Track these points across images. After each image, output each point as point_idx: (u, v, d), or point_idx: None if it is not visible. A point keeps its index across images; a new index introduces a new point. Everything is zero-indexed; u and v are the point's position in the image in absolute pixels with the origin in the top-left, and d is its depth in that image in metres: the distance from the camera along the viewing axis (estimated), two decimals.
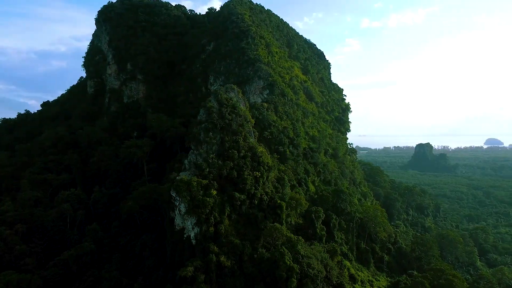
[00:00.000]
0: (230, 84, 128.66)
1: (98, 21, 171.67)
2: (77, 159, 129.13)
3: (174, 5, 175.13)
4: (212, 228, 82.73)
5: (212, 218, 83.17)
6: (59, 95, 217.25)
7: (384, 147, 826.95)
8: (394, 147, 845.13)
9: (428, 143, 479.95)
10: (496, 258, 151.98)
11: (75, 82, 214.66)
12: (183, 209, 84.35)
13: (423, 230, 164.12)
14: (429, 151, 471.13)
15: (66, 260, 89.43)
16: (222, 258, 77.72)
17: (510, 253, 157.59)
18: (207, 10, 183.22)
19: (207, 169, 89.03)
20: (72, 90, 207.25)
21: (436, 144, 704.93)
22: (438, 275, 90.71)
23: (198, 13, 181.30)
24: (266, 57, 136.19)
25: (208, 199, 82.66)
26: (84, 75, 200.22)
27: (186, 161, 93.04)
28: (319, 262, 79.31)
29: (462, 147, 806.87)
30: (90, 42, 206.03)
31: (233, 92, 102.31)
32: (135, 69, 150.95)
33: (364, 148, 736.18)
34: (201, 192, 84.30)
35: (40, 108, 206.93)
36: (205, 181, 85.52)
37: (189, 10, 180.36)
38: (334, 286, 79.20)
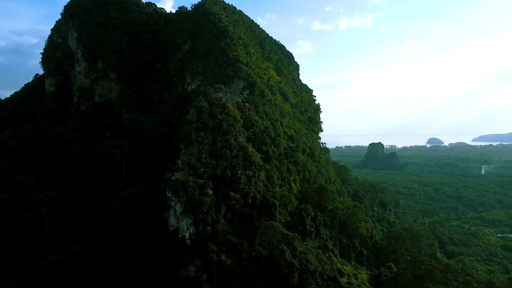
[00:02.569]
0: (209, 84, 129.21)
1: (64, 16, 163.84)
2: (50, 160, 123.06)
3: (144, 2, 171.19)
4: (209, 228, 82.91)
5: (210, 217, 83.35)
6: (12, 93, 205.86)
7: (337, 146, 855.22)
8: (345, 146, 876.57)
9: (380, 143, 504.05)
10: (454, 249, 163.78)
11: (21, 79, 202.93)
12: (178, 209, 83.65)
13: (389, 225, 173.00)
14: (380, 150, 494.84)
15: (51, 265, 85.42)
16: (223, 257, 78.26)
17: (465, 244, 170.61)
18: (177, 9, 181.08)
19: (202, 169, 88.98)
20: (29, 88, 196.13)
21: (384, 143, 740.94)
22: (418, 266, 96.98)
23: (169, 12, 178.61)
24: (245, 57, 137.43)
25: (205, 198, 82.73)
26: (33, 72, 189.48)
27: (179, 161, 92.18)
28: (315, 258, 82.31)
29: (408, 146, 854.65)
30: (48, 38, 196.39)
31: (222, 92, 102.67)
32: (107, 67, 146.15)
33: None
34: (197, 192, 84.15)
35: None
36: (201, 181, 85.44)
37: (159, 8, 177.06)
38: (329, 280, 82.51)
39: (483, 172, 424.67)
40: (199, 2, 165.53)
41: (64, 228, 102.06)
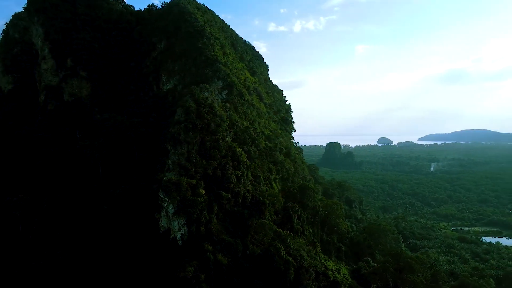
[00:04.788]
0: (186, 83, 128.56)
1: (28, 10, 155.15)
2: (19, 162, 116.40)
3: None
4: (203, 228, 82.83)
5: (203, 217, 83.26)
6: None
7: None
8: (301, 146, 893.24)
9: (337, 142, 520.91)
10: (416, 242, 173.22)
11: None
12: (171, 210, 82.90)
13: (356, 222, 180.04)
14: (338, 150, 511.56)
15: (36, 272, 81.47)
16: (220, 256, 78.62)
17: (425, 238, 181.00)
18: (146, 7, 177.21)
19: (193, 169, 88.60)
20: None
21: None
22: (397, 259, 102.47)
23: (139, 9, 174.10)
24: (223, 57, 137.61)
25: (199, 198, 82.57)
26: None
27: (169, 162, 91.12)
28: (307, 254, 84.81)
29: (360, 146, 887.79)
30: (3, 33, 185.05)
31: (208, 92, 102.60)
32: (77, 65, 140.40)
33: None
34: (190, 192, 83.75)
35: None
36: (193, 181, 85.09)
37: (128, 5, 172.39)
38: (321, 275, 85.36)
39: (432, 169, 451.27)
40: (171, 0, 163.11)
41: (43, 233, 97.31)
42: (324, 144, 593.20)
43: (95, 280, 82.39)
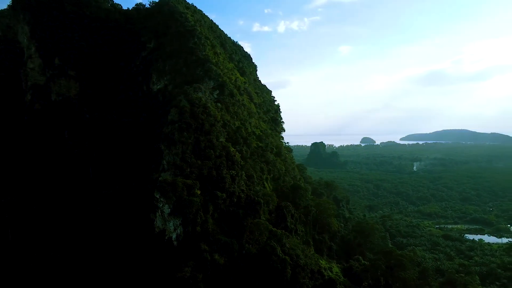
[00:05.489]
0: (177, 83, 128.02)
1: (14, 8, 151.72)
2: (7, 162, 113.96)
3: None
4: (199, 228, 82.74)
5: (199, 217, 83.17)
6: None
7: None
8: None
9: (322, 142, 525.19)
10: (402, 240, 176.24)
11: None
12: (166, 211, 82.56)
13: (344, 221, 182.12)
14: (323, 150, 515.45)
15: (27, 275, 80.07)
16: (216, 256, 78.70)
17: (411, 236, 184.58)
18: (134, 6, 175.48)
19: (188, 169, 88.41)
20: None
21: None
22: (388, 256, 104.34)
23: (127, 8, 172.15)
24: (213, 57, 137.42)
25: (195, 198, 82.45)
26: None
27: (164, 162, 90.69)
28: (302, 253, 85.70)
29: (344, 145, 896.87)
30: None
31: (201, 92, 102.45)
32: (65, 64, 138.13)
33: None
34: (185, 192, 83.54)
35: None
36: (189, 181, 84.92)
37: (116, 3, 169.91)
38: (316, 273, 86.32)
39: (415, 168, 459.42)
40: (160, 0, 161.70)
41: (34, 235, 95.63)
42: (309, 144, 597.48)
43: (90, 282, 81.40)
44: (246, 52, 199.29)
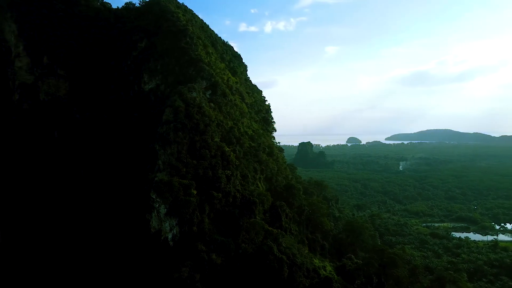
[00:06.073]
0: (169, 83, 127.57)
1: (0, 6, 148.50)
2: None
3: None
4: (195, 228, 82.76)
5: (195, 217, 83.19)
6: None
7: None
8: None
9: (309, 142, 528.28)
10: (391, 239, 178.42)
11: None
12: (162, 211, 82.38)
13: (335, 220, 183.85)
14: (310, 149, 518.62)
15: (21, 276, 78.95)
16: (214, 256, 78.86)
17: (399, 234, 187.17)
18: (124, 4, 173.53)
19: (184, 169, 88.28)
20: None
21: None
22: (381, 255, 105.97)
23: (117, 7, 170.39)
24: (206, 57, 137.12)
25: (191, 199, 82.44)
26: None
27: (159, 162, 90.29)
28: (298, 252, 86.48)
29: (331, 145, 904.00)
30: None
31: (195, 92, 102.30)
32: (54, 63, 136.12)
33: None
34: (182, 192, 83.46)
35: None
36: (185, 181, 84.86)
37: (105, 2, 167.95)
38: (312, 272, 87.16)
39: (401, 168, 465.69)
40: None
41: (24, 237, 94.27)
42: (295, 144, 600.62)
43: (85, 284, 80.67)
44: (237, 52, 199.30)
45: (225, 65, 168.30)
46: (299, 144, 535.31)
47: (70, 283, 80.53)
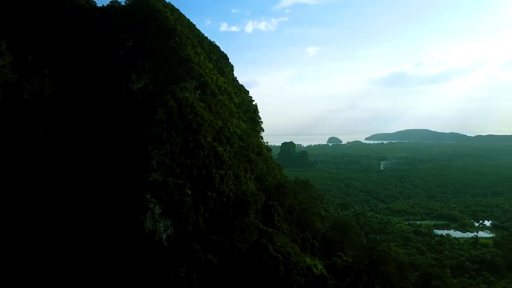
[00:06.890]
0: (158, 83, 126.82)
1: None
2: None
3: None
4: (190, 228, 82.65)
5: (190, 217, 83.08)
6: None
7: None
8: None
9: (292, 142, 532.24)
10: (376, 237, 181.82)
11: None
12: (157, 211, 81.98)
13: (321, 219, 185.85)
14: (292, 149, 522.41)
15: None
16: (210, 256, 78.97)
17: (383, 232, 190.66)
18: (109, 3, 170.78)
19: (178, 169, 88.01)
20: None
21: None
22: (370, 252, 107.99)
23: (102, 5, 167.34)
24: (195, 57, 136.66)
25: (186, 198, 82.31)
26: None
27: (153, 162, 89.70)
28: (292, 251, 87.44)
29: (312, 145, 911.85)
30: None
31: (187, 92, 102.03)
32: (39, 62, 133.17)
33: None
34: (176, 192, 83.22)
35: None
36: (180, 181, 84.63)
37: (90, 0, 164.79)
38: (306, 270, 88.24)
39: (382, 167, 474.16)
40: None
41: (15, 239, 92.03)
42: (278, 144, 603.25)
43: (81, 285, 79.58)
44: (223, 52, 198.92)
45: (213, 65, 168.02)
46: (282, 144, 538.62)
47: (65, 284, 79.21)
